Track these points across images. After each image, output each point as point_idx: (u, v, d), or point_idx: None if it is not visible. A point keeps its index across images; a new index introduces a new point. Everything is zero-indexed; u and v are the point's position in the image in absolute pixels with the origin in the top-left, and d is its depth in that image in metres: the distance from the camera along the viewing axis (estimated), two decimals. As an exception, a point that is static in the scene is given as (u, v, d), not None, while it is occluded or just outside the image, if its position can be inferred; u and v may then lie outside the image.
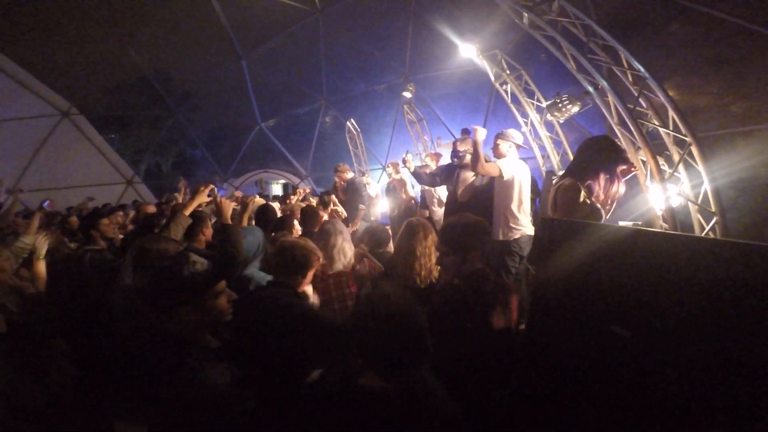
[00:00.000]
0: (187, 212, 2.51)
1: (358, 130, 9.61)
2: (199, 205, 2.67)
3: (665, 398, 1.08)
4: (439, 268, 2.09)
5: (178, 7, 7.90)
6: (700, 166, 3.82)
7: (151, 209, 4.92)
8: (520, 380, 1.54)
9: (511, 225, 3.52)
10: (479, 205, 3.59)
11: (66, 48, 8.33)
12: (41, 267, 2.77)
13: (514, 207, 3.49)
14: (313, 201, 6.42)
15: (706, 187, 3.82)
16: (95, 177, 10.51)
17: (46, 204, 3.89)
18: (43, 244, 2.82)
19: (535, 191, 5.30)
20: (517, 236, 3.51)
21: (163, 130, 11.83)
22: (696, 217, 3.99)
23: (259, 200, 3.83)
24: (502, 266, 3.52)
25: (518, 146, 3.65)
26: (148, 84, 10.26)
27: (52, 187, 8.95)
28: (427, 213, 5.53)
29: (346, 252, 2.57)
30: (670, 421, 1.07)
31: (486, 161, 3.53)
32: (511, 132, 3.66)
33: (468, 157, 3.84)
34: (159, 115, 11.44)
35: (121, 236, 4.01)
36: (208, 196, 2.67)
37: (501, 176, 3.46)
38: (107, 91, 10.41)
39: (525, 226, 3.53)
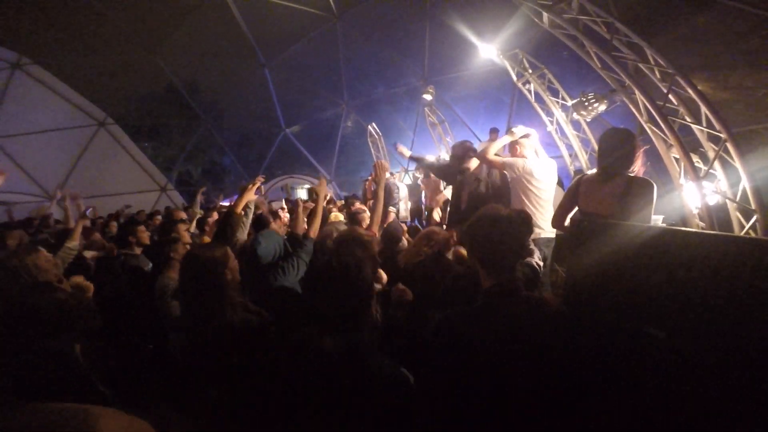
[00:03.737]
0: (239, 210, 2.64)
1: (380, 133, 9.69)
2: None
3: (698, 400, 1.08)
4: None
5: (201, 17, 8.24)
6: (737, 163, 3.67)
7: (182, 215, 5.13)
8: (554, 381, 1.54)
9: None
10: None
11: (98, 59, 8.85)
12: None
13: (530, 207, 3.32)
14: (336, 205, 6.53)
15: (745, 184, 3.67)
16: (131, 185, 11.04)
17: (88, 211, 4.14)
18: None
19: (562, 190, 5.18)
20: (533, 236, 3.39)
21: (193, 138, 12.31)
22: (735, 215, 3.84)
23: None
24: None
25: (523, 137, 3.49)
26: (176, 93, 10.73)
27: (92, 194, 9.44)
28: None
29: None
30: (702, 422, 1.07)
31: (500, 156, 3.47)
32: (519, 128, 3.52)
33: (471, 162, 3.71)
34: (188, 123, 11.92)
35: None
36: (256, 193, 2.80)
37: (513, 172, 3.35)
38: (138, 100, 10.93)
39: (543, 228, 3.32)
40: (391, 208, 5.61)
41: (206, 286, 1.66)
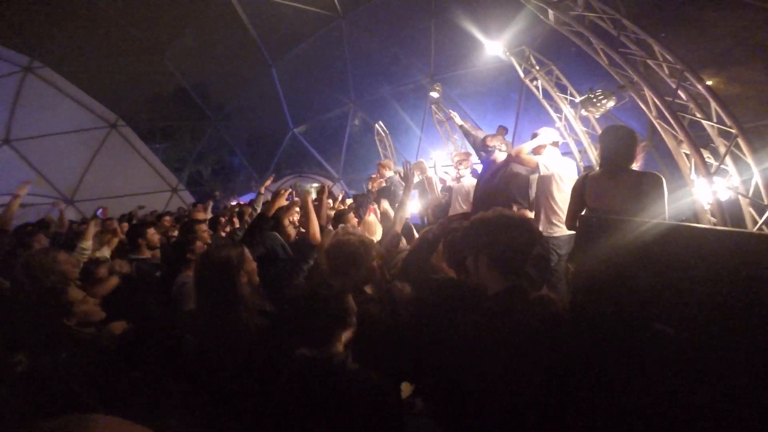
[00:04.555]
0: (270, 214, 2.73)
1: (387, 131, 9.70)
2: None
3: (705, 397, 1.09)
4: None
5: (207, 19, 8.35)
6: (749, 158, 3.63)
7: (202, 215, 5.19)
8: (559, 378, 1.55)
9: (553, 221, 3.45)
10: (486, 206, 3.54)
11: (108, 62, 9.00)
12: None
13: (554, 203, 3.42)
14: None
15: (757, 179, 3.63)
16: (143, 185, 11.21)
17: (99, 212, 4.20)
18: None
19: None
20: (556, 234, 3.42)
21: (203, 139, 12.46)
22: (748, 210, 3.80)
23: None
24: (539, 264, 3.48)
25: (555, 143, 3.65)
26: (186, 95, 10.88)
27: (106, 196, 9.58)
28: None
29: None
30: (708, 421, 1.08)
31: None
32: (545, 130, 3.66)
33: (497, 153, 3.84)
34: (197, 124, 12.08)
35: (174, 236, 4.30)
36: (287, 200, 2.86)
37: (546, 170, 3.46)
38: (149, 102, 11.08)
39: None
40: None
41: (220, 286, 1.63)
